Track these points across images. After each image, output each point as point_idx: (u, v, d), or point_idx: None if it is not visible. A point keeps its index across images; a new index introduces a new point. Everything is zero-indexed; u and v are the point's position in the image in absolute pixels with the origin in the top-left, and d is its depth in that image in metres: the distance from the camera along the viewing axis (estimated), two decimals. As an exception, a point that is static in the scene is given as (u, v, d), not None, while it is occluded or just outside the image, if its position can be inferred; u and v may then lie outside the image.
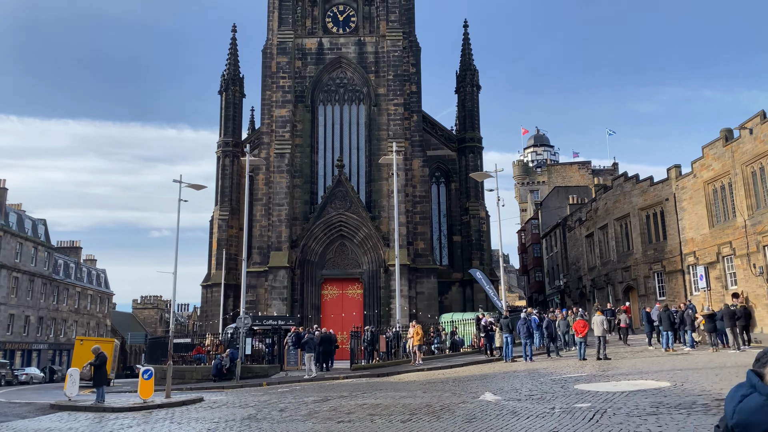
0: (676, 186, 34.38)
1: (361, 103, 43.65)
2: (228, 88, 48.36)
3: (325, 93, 43.90)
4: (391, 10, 43.64)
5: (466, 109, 48.60)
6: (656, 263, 36.29)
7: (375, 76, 43.22)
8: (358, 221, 40.47)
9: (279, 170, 40.95)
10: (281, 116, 42.04)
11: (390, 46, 42.94)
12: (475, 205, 46.13)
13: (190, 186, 29.06)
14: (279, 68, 42.69)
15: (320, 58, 43.64)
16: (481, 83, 49.59)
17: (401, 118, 42.04)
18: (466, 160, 46.93)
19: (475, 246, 45.57)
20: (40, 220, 61.41)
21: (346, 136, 43.57)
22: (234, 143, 47.48)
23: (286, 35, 43.08)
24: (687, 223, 33.35)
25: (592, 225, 44.92)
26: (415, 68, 44.34)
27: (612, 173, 75.16)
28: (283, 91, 42.40)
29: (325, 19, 44.46)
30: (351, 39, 43.89)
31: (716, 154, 30.82)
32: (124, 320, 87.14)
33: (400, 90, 42.42)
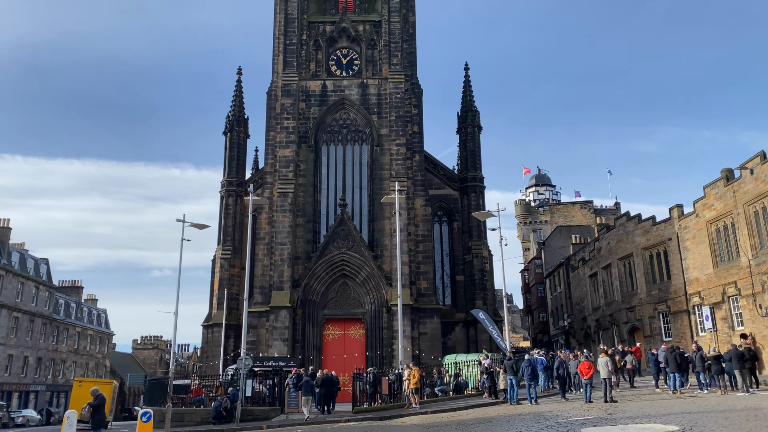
0: (679, 226, 34.37)
1: (364, 143, 44.15)
2: (233, 129, 49.02)
3: (329, 133, 44.45)
4: (394, 54, 44.57)
5: (468, 149, 49.06)
6: (661, 303, 35.97)
7: (377, 117, 43.84)
8: (361, 260, 40.39)
9: (282, 209, 41.13)
10: (285, 156, 42.47)
11: (392, 88, 43.70)
12: (478, 244, 46.07)
13: (193, 225, 29.17)
14: (283, 109, 43.37)
15: (324, 99, 44.37)
16: (482, 123, 50.22)
17: (403, 158, 42.42)
18: (468, 199, 47.11)
19: (478, 286, 45.29)
20: (42, 259, 61.41)
21: (349, 176, 43.89)
22: (238, 183, 47.84)
23: (291, 78, 43.92)
24: (691, 263, 33.19)
25: (596, 265, 44.73)
26: (417, 109, 44.97)
27: (614, 213, 75.30)
28: (287, 132, 42.96)
29: (329, 63, 45.39)
30: (354, 81, 44.71)
31: (718, 193, 30.91)
32: (124, 361, 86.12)
33: (403, 130, 42.95)
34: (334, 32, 45.55)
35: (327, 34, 45.60)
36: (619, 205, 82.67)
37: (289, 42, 44.72)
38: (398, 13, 45.41)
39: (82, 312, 69.64)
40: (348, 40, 45.64)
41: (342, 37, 45.66)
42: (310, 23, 45.89)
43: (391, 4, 45.51)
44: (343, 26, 45.44)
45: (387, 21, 45.28)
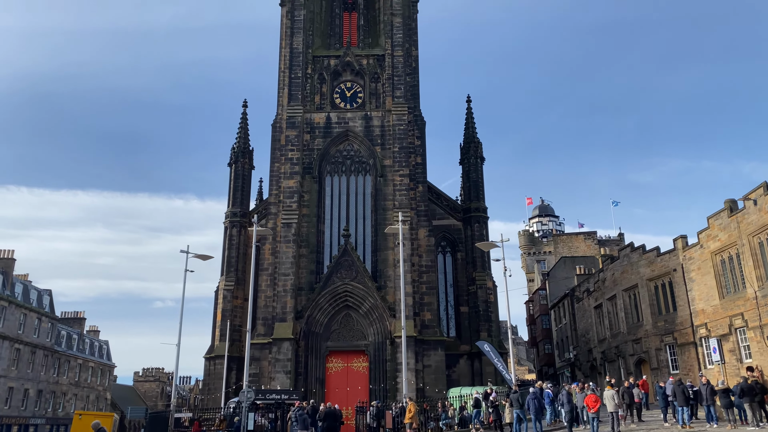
0: (684, 256, 34.23)
1: (368, 174, 44.44)
2: (237, 160, 49.43)
3: (333, 164, 44.79)
4: (397, 87, 45.19)
5: (471, 179, 49.26)
6: (667, 335, 35.58)
7: (381, 148, 44.22)
8: (364, 291, 40.23)
9: (285, 240, 41.19)
10: (289, 187, 42.74)
11: (395, 120, 44.18)
12: (482, 275, 45.88)
13: (197, 256, 29.24)
14: (288, 141, 43.81)
15: (328, 131, 44.85)
16: (484, 154, 50.50)
17: (407, 188, 42.64)
18: (472, 229, 47.10)
19: (483, 317, 44.94)
20: (46, 290, 61.35)
21: (353, 207, 44.06)
22: (242, 214, 48.02)
23: (296, 110, 44.49)
24: (697, 294, 32.95)
25: (601, 296, 44.42)
26: (420, 141, 45.38)
27: (618, 243, 75.07)
28: (292, 163, 43.31)
29: (333, 95, 46.02)
30: (358, 113, 45.23)
31: (722, 224, 30.87)
32: (125, 393, 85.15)
33: (406, 161, 43.26)
34: (338, 66, 46.30)
35: (331, 67, 46.34)
36: (623, 236, 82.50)
37: (294, 75, 45.44)
38: (401, 48, 46.19)
39: (84, 344, 69.21)
40: (352, 73, 46.35)
41: (346, 70, 46.39)
42: (314, 57, 46.68)
43: (394, 39, 46.33)
44: (347, 60, 46.20)
45: (390, 55, 46.04)
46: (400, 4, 47.09)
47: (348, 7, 49.28)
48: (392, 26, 46.61)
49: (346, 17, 49.13)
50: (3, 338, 51.91)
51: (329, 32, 48.58)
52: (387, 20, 47.11)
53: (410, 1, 48.53)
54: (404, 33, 46.75)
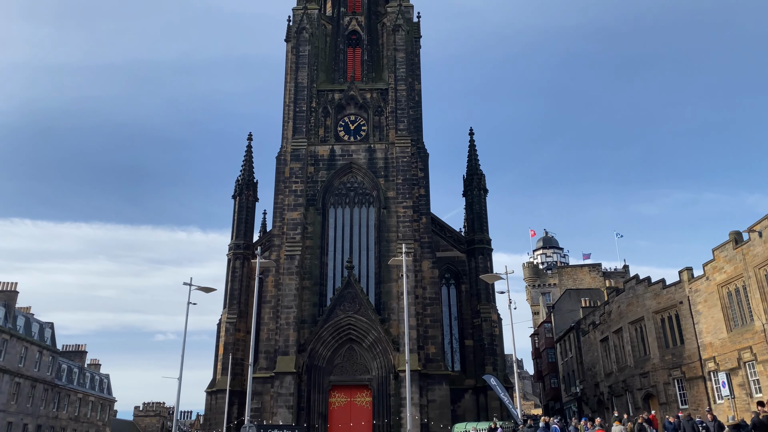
0: (690, 289, 33.93)
1: (371, 205, 44.56)
2: (242, 193, 49.69)
3: (336, 196, 44.96)
4: (400, 120, 45.66)
5: (474, 211, 49.30)
6: (675, 369, 35.02)
7: (384, 180, 44.44)
8: (368, 324, 39.88)
9: (288, 272, 41.06)
10: (293, 219, 42.82)
11: (399, 152, 44.51)
12: (487, 307, 45.50)
13: (200, 289, 29.13)
14: (292, 173, 44.10)
15: (332, 163, 45.16)
16: (487, 186, 50.66)
17: (410, 220, 42.66)
18: (476, 261, 46.92)
19: (488, 351, 44.38)
20: (48, 323, 61.01)
21: (356, 238, 44.04)
22: (245, 246, 48.02)
23: (300, 143, 44.91)
24: (704, 327, 32.55)
25: (607, 329, 43.91)
26: (423, 173, 45.62)
27: (623, 275, 74.59)
28: (295, 195, 43.51)
29: (337, 128, 46.49)
30: (362, 146, 45.62)
31: (727, 256, 30.68)
32: (125, 428, 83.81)
33: (409, 193, 43.40)
34: (342, 100, 46.90)
35: (336, 101, 46.94)
36: (627, 268, 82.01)
37: (299, 109, 46.01)
38: (404, 82, 46.83)
39: (85, 378, 68.50)
40: (356, 107, 46.92)
41: (350, 104, 46.97)
42: (319, 91, 47.34)
43: (397, 74, 47.01)
44: (351, 94, 46.82)
45: (393, 89, 46.65)
46: (403, 40, 47.92)
47: (352, 43, 50.20)
48: (395, 61, 47.36)
49: (350, 53, 50.00)
50: (3, 372, 51.44)
51: (334, 67, 49.37)
52: (390, 55, 47.90)
53: (413, 38, 49.39)
54: (407, 68, 47.46)
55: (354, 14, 50.83)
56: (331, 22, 50.98)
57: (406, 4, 49.51)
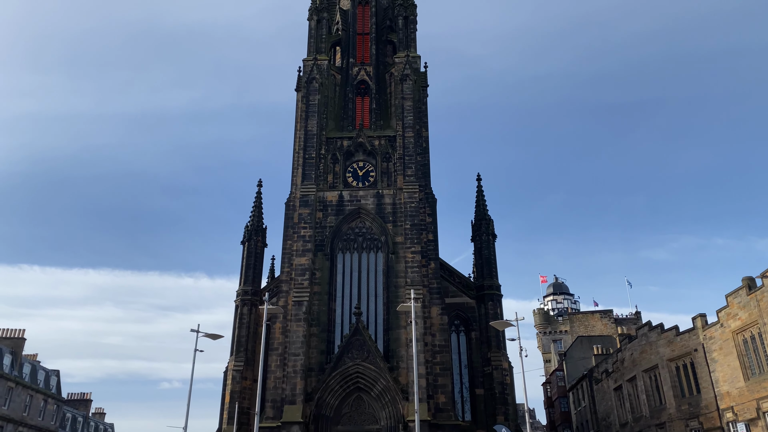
0: (704, 336, 33.32)
1: (379, 251, 44.55)
2: (251, 238, 49.88)
3: (345, 242, 45.04)
4: (408, 166, 46.13)
5: (483, 257, 49.09)
6: (692, 419, 34.02)
7: (393, 225, 44.56)
8: (376, 372, 39.24)
9: (296, 318, 40.77)
10: (301, 264, 42.82)
11: (407, 198, 44.79)
12: (497, 355, 44.71)
13: (207, 335, 28.97)
14: (301, 219, 44.36)
15: (341, 209, 45.44)
16: (495, 231, 50.56)
17: (419, 265, 42.52)
18: (486, 308, 46.42)
19: (499, 400, 43.35)
20: (54, 371, 60.55)
21: (364, 284, 43.84)
22: (253, 292, 47.88)
23: (309, 189, 45.35)
24: (720, 375, 31.78)
25: (620, 377, 42.95)
26: (432, 218, 45.74)
27: (635, 322, 73.45)
28: (304, 241, 43.63)
29: (345, 175, 47.00)
30: (370, 192, 45.98)
31: (741, 302, 30.23)
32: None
33: (417, 238, 43.41)
34: (351, 146, 47.58)
35: (344, 148, 47.62)
36: (639, 315, 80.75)
37: (308, 156, 46.66)
38: (412, 129, 47.54)
39: (89, 427, 67.42)
40: (364, 153, 47.54)
41: (359, 150, 47.62)
42: (328, 139, 48.10)
43: (405, 121, 47.78)
44: (359, 141, 47.53)
45: (401, 136, 47.32)
46: (410, 89, 48.91)
47: (361, 92, 51.29)
48: (403, 109, 48.22)
49: (359, 101, 51.01)
50: (8, 421, 50.78)
51: (342, 115, 50.30)
52: (398, 104, 48.80)
53: (420, 87, 50.42)
54: (415, 115, 48.26)
55: (363, 65, 52.10)
56: (341, 73, 52.24)
57: (414, 54, 50.76)
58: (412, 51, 50.90)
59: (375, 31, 53.37)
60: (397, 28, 52.58)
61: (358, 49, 53.27)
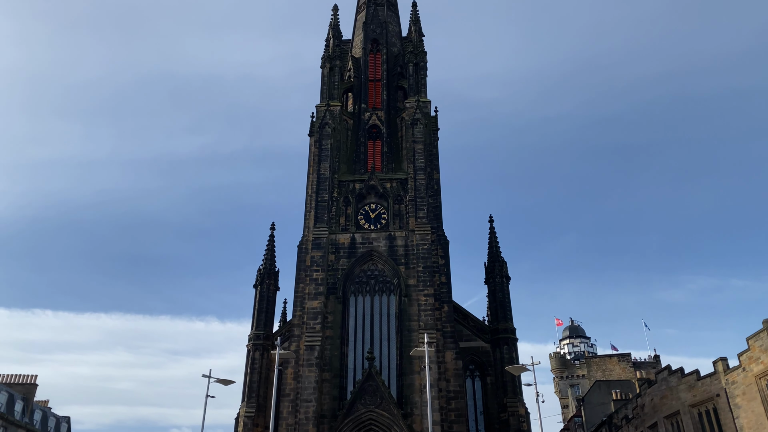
0: (726, 380, 32.40)
1: (392, 293, 44.27)
2: (263, 282, 49.85)
3: (357, 284, 44.86)
4: (420, 208, 46.30)
5: (497, 299, 48.56)
6: (719, 469, 32.74)
7: (405, 267, 44.40)
8: (390, 419, 38.42)
9: (308, 363, 40.31)
10: (313, 308, 42.60)
11: (419, 240, 44.77)
12: (514, 401, 43.68)
13: (219, 381, 28.68)
14: (313, 262, 44.38)
15: (353, 251, 45.46)
16: (509, 273, 50.11)
17: (432, 308, 42.12)
18: (501, 352, 45.62)
19: (516, 447, 42.15)
20: (64, 417, 59.99)
21: (377, 327, 43.42)
22: (265, 336, 47.53)
23: (321, 232, 45.53)
24: (745, 422, 30.73)
25: (641, 423, 41.63)
26: (444, 260, 45.55)
27: (654, 366, 71.73)
28: (316, 284, 43.53)
29: (357, 217, 47.23)
30: (382, 234, 46.06)
31: (763, 346, 29.50)
32: None
33: (430, 281, 43.14)
34: (363, 189, 47.96)
35: (356, 191, 48.00)
36: (658, 358, 78.83)
37: (321, 199, 47.05)
38: (423, 172, 47.92)
39: (97, 475, 66.22)
40: (376, 196, 47.86)
41: (370, 193, 47.96)
42: (340, 182, 48.57)
43: (416, 164, 48.22)
44: (371, 184, 47.92)
45: (413, 179, 47.68)
46: (421, 133, 49.55)
47: (372, 136, 52.04)
48: (414, 152, 48.74)
49: (371, 145, 51.70)
50: (15, 469, 50.03)
51: (354, 159, 50.90)
52: (409, 147, 49.35)
53: (431, 130, 51.08)
54: (426, 158, 48.72)
55: (374, 110, 53.02)
56: (353, 117, 53.15)
57: (424, 99, 51.63)
58: (422, 96, 51.81)
59: (386, 78, 54.50)
60: (407, 75, 53.67)
61: (370, 94, 54.32)
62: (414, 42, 55.07)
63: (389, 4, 60.41)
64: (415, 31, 55.84)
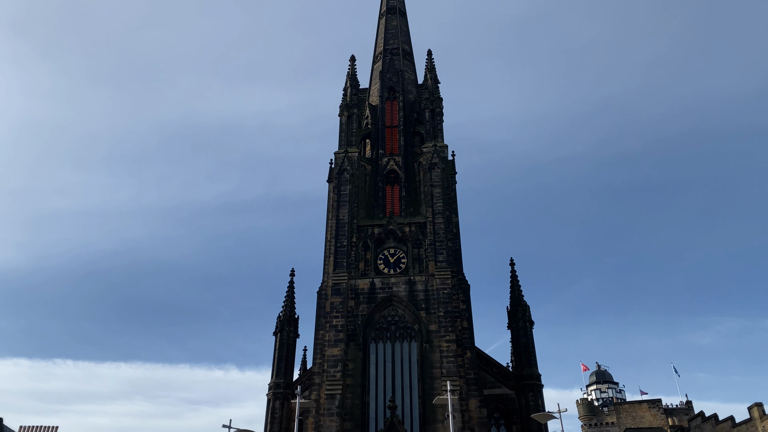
0: (763, 427, 31.05)
1: (413, 340, 43.62)
2: (283, 329, 49.53)
3: (377, 330, 44.32)
4: (439, 252, 46.05)
5: (521, 345, 47.57)
6: None
7: (426, 313, 43.86)
8: (413, 470, 37.23)
9: (329, 413, 39.51)
10: (333, 355, 42.06)
11: (439, 284, 44.35)
12: (540, 450, 42.21)
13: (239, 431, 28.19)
14: (333, 308, 44.07)
15: (372, 297, 45.12)
16: (533, 317, 49.21)
17: (454, 354, 41.33)
18: (526, 399, 44.38)
19: (545, 500, 40.47)
20: (82, 469, 59.16)
21: (399, 375, 42.60)
22: (285, 384, 46.90)
23: (341, 277, 45.38)
24: (788, 472, 29.23)
25: (677, 474, 39.86)
26: (465, 304, 44.96)
27: (686, 412, 69.10)
28: (336, 330, 43.11)
29: (377, 262, 47.09)
30: (402, 278, 45.76)
31: (801, 389, 28.34)
32: None
33: (452, 326, 42.50)
34: (381, 234, 47.97)
35: (375, 235, 48.02)
36: (691, 404, 76.01)
37: (340, 244, 47.10)
38: (441, 215, 47.91)
39: None
40: (395, 240, 47.81)
41: (389, 238, 47.93)
42: (359, 227, 48.68)
43: (434, 208, 48.28)
44: (390, 228, 47.95)
45: (431, 222, 47.64)
46: (439, 177, 49.81)
47: (390, 181, 52.42)
48: (432, 196, 48.88)
49: (389, 190, 52.01)
50: None
51: (373, 203, 51.17)
52: (427, 191, 49.53)
53: (449, 174, 51.37)
54: (444, 202, 48.79)
55: (392, 155, 53.58)
56: (370, 163, 53.72)
57: (441, 144, 52.12)
58: (439, 141, 52.34)
59: (403, 124, 55.31)
60: (424, 120, 54.40)
61: (387, 140, 55.03)
62: (430, 89, 56.05)
63: (405, 54, 61.83)
64: (431, 78, 56.90)
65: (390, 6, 65.42)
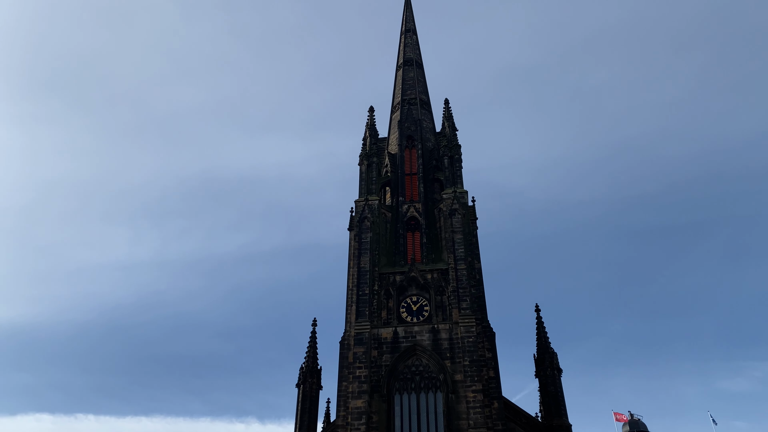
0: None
1: (438, 390, 42.51)
2: (306, 381, 48.73)
3: (401, 381, 43.35)
4: (462, 299, 45.38)
5: (549, 394, 46.03)
6: None
7: (451, 362, 42.88)
8: None
9: (354, 467, 38.29)
10: (357, 408, 41.09)
11: (464, 332, 43.51)
12: (576, 506, 40.18)
13: (261, 487, 27.33)
14: (356, 358, 43.34)
15: (396, 346, 44.36)
16: (561, 365, 47.77)
17: (481, 405, 40.11)
18: (558, 451, 42.61)
19: None
20: None
21: (424, 427, 41.28)
22: (308, 438, 45.77)
23: (363, 326, 44.82)
24: None
25: None
26: (491, 353, 43.90)
27: (730, 464, 65.56)
28: (359, 381, 42.26)
29: (399, 310, 46.52)
30: (425, 327, 45.00)
31: None
32: None
33: (478, 376, 41.42)
34: (403, 281, 47.56)
35: (397, 283, 47.62)
36: (734, 455, 72.19)
37: (362, 293, 46.74)
38: (464, 261, 47.45)
39: None
40: (417, 287, 47.32)
41: (411, 285, 47.48)
42: (381, 274, 48.37)
43: (456, 254, 47.89)
44: (412, 275, 47.56)
45: (453, 269, 47.17)
46: (459, 223, 49.64)
47: (411, 227, 52.37)
48: (453, 242, 48.58)
49: (410, 237, 51.89)
50: None
51: (394, 251, 50.99)
52: (448, 237, 49.29)
53: (469, 220, 51.18)
54: (466, 248, 48.42)
55: (412, 202, 53.72)
56: (391, 210, 53.85)
57: (461, 190, 52.19)
58: (459, 187, 52.43)
59: (422, 171, 55.65)
60: (443, 167, 54.70)
61: (407, 188, 55.30)
62: (448, 136, 56.60)
63: (422, 103, 62.84)
64: (448, 126, 57.54)
65: (407, 58, 66.98)
